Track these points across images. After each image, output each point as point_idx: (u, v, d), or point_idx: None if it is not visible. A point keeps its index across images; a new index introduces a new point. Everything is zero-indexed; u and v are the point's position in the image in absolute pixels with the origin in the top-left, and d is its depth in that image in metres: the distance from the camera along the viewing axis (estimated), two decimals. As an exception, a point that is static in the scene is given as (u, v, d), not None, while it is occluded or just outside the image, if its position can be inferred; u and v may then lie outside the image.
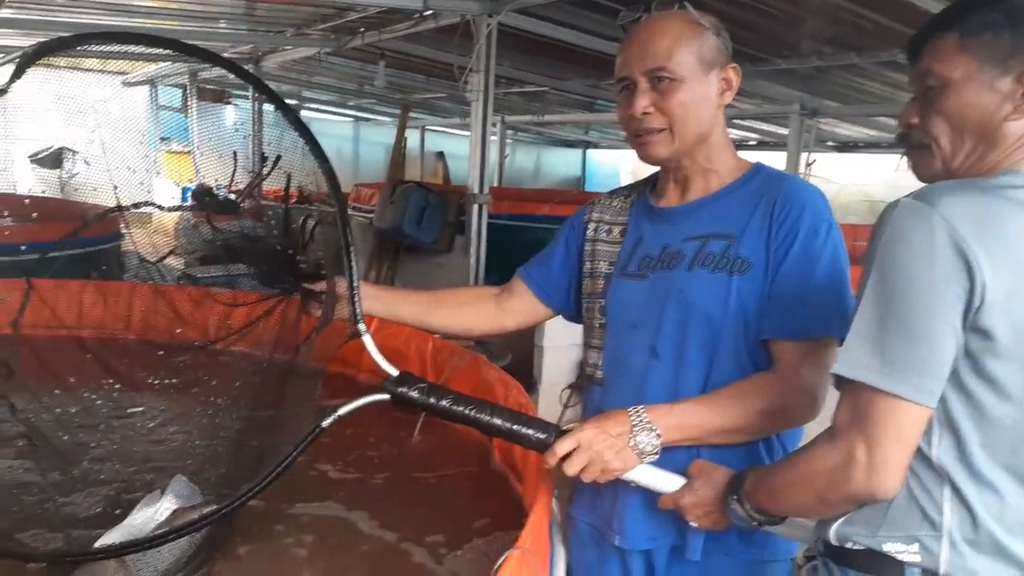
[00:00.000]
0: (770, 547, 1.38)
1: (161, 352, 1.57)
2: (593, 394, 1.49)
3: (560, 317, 1.65)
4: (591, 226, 1.54)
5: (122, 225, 1.78)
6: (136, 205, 1.69)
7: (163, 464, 1.57)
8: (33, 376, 1.51)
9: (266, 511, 1.59)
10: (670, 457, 1.28)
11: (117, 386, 1.59)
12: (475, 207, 5.01)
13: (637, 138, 1.37)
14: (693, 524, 1.28)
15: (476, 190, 4.99)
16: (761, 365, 1.33)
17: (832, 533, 1.09)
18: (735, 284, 1.31)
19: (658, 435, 1.25)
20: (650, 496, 1.32)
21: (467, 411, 1.27)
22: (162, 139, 11.05)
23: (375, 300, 1.56)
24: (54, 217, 2.50)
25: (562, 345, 3.79)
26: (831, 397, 1.13)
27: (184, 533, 1.28)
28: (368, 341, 1.32)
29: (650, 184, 1.51)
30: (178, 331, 1.64)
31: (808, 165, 7.85)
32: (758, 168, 1.42)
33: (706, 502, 1.25)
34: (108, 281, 2.66)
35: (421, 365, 2.53)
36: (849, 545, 1.07)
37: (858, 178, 11.87)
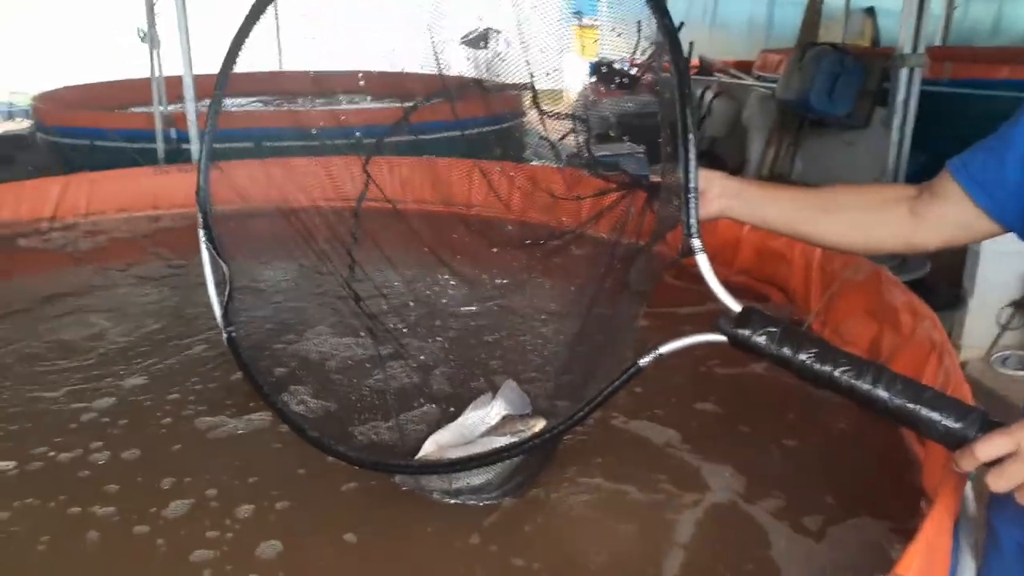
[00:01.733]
0: None
1: (495, 249, 1.44)
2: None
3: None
4: None
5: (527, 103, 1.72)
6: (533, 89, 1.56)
7: (495, 365, 1.47)
8: (374, 264, 1.50)
9: (594, 435, 1.41)
10: None
11: (453, 282, 1.51)
12: (904, 71, 4.10)
13: None
14: None
15: (907, 49, 4.06)
16: None
17: None
18: None
19: None
20: None
21: (837, 374, 0.90)
22: (574, 14, 11.24)
23: (737, 199, 1.20)
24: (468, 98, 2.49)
25: (1007, 251, 2.96)
26: None
27: (491, 461, 1.15)
28: (703, 262, 1.00)
29: None
30: (508, 228, 1.48)
31: None
32: None
33: None
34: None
35: (804, 273, 2.10)
36: None
37: None
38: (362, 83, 1.48)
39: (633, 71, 2.17)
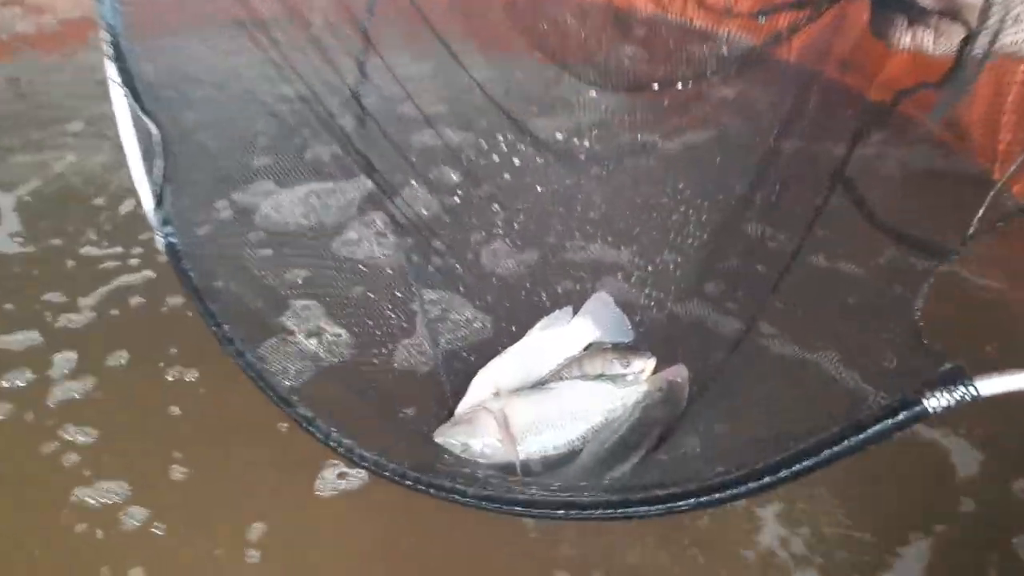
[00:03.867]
0: None
1: (593, 89, 0.87)
2: None
3: None
4: None
5: None
6: None
7: (583, 271, 0.97)
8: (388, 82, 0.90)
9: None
10: None
11: (541, 141, 0.95)
12: None
13: None
14: None
15: None
16: None
17: None
18: None
19: None
20: None
21: None
22: None
23: None
24: None
25: None
26: None
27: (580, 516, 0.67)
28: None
29: None
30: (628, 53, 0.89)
31: None
32: None
33: None
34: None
35: (992, 105, 1.43)
36: None
37: None
38: None
39: None
